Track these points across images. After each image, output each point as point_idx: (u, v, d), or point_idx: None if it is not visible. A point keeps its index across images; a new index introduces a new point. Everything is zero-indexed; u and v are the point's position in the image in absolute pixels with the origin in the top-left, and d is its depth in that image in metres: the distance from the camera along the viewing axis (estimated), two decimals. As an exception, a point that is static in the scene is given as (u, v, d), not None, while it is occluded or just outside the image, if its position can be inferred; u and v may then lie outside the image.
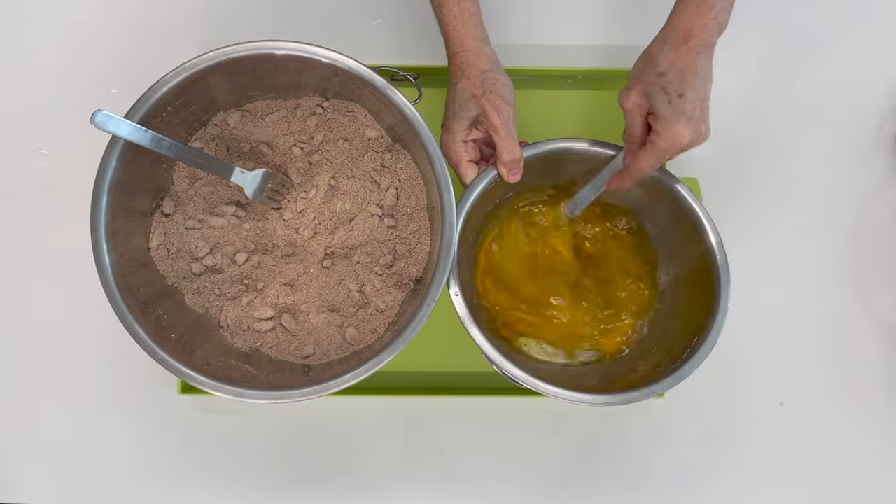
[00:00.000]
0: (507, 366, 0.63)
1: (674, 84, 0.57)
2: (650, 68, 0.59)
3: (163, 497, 0.76)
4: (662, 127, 0.59)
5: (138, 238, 0.65)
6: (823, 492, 0.77)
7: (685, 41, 0.57)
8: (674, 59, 0.57)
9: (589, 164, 0.68)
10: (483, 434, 0.77)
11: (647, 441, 0.77)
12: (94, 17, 0.79)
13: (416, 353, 0.76)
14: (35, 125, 0.78)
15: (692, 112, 0.58)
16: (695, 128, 0.58)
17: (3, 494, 0.75)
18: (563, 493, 0.76)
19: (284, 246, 0.69)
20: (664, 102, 0.58)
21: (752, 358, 0.78)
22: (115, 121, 0.58)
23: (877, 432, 0.77)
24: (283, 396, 0.60)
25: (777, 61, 0.81)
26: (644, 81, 0.59)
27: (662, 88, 0.58)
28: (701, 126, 0.59)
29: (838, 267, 0.79)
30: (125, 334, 0.60)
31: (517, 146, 0.64)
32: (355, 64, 0.61)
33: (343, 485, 0.76)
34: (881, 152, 0.80)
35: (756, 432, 0.77)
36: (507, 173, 0.65)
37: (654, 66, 0.58)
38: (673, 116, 0.58)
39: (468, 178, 0.66)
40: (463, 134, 0.65)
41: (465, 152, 0.66)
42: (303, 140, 0.69)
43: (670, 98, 0.58)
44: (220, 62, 0.61)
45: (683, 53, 0.57)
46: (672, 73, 0.57)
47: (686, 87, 0.57)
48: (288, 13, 0.79)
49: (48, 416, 0.76)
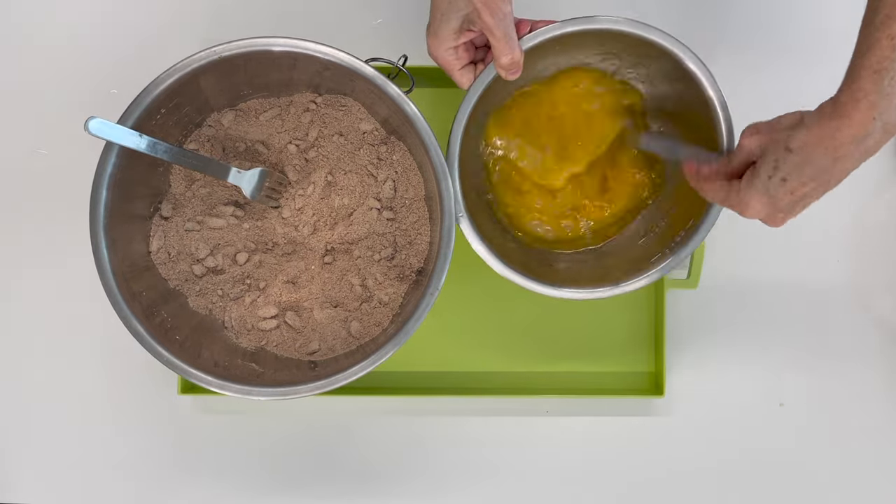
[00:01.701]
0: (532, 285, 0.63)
1: (788, 166, 0.52)
2: (786, 135, 0.52)
3: (163, 497, 0.76)
4: (745, 190, 0.55)
5: (138, 242, 0.65)
6: (824, 492, 0.77)
7: (834, 133, 0.50)
8: (811, 145, 0.51)
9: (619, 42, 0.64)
10: (483, 434, 0.77)
11: (647, 441, 0.77)
12: (93, 17, 0.79)
13: (417, 353, 0.76)
14: (35, 125, 0.78)
15: (780, 201, 0.53)
16: (770, 212, 0.54)
17: (3, 494, 0.76)
18: (563, 493, 0.76)
19: (285, 244, 0.69)
20: (765, 174, 0.53)
21: (752, 358, 0.78)
22: (110, 127, 0.58)
23: (877, 432, 0.77)
24: (290, 393, 0.60)
25: (777, 61, 0.80)
26: (771, 140, 0.53)
27: (776, 161, 0.52)
28: (779, 216, 0.55)
29: (838, 267, 0.78)
30: (125, 335, 0.60)
31: (517, 46, 0.59)
32: (347, 56, 0.61)
33: (342, 484, 0.76)
34: (881, 152, 0.79)
35: (756, 432, 0.77)
36: (507, 74, 0.61)
37: (791, 136, 0.52)
38: (759, 191, 0.54)
39: (465, 84, 0.62)
40: (452, 38, 0.59)
41: (457, 59, 0.61)
42: (297, 137, 0.69)
43: (773, 175, 0.53)
44: (211, 61, 0.61)
45: (822, 150, 0.50)
46: (797, 157, 0.51)
47: (796, 178, 0.52)
48: (288, 13, 0.79)
49: (48, 416, 0.76)
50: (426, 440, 0.77)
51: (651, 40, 0.63)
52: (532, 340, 0.77)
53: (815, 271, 0.78)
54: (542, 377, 0.77)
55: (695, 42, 0.63)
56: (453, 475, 0.76)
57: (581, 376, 0.77)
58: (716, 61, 0.66)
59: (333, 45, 0.62)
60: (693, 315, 0.77)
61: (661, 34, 0.63)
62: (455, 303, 0.76)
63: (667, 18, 0.70)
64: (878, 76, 0.48)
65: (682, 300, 0.77)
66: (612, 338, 0.77)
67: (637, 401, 0.77)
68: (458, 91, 0.76)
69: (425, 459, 0.77)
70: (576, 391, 0.76)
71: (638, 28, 0.63)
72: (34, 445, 0.76)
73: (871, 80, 0.48)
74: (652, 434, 0.77)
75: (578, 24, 0.63)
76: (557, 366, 0.77)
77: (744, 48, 0.79)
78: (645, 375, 0.77)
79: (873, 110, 0.48)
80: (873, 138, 0.50)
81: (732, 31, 0.79)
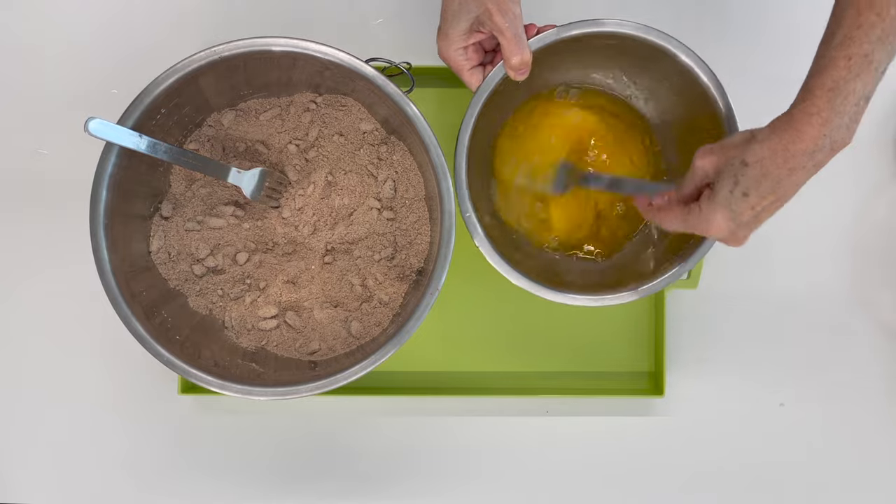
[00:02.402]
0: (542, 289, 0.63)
1: (748, 180, 0.52)
2: (740, 150, 0.53)
3: (163, 497, 0.76)
4: (707, 207, 0.55)
5: (138, 242, 0.65)
6: (824, 492, 0.77)
7: (787, 146, 0.51)
8: (766, 158, 0.52)
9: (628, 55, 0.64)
10: (483, 434, 0.77)
11: (647, 441, 0.77)
12: (94, 18, 0.79)
13: (417, 353, 0.76)
14: (35, 125, 0.78)
15: (742, 215, 0.54)
16: (733, 229, 0.54)
17: (2, 494, 0.76)
18: (563, 492, 0.76)
19: (285, 244, 0.69)
20: (725, 189, 0.53)
21: (753, 358, 0.78)
22: (110, 127, 0.58)
23: (877, 433, 0.77)
24: (290, 392, 0.60)
25: (777, 60, 0.80)
26: (726, 158, 0.54)
27: (734, 176, 0.53)
28: (741, 232, 0.55)
29: (838, 267, 0.78)
30: (124, 334, 0.60)
31: (526, 47, 0.60)
32: (347, 56, 0.61)
33: (342, 484, 0.76)
34: (881, 152, 0.79)
35: (756, 432, 0.77)
36: (516, 74, 0.61)
37: (745, 150, 0.53)
38: (722, 205, 0.54)
39: (474, 85, 0.62)
40: (462, 39, 0.60)
41: (466, 59, 0.61)
42: (297, 137, 0.69)
43: (734, 189, 0.53)
44: (211, 61, 0.61)
45: (777, 162, 0.51)
46: (754, 169, 0.52)
47: (755, 192, 0.52)
48: (289, 13, 0.79)
49: (48, 417, 0.76)
50: (426, 440, 0.77)
51: (659, 45, 0.63)
52: (532, 340, 0.77)
53: (815, 271, 0.78)
54: (542, 377, 0.77)
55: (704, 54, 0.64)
56: (453, 475, 0.76)
57: (581, 376, 0.77)
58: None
59: (333, 45, 0.62)
60: (693, 315, 0.77)
61: (667, 37, 0.63)
62: (455, 303, 0.76)
63: (677, 26, 0.69)
64: (832, 94, 0.50)
65: (682, 300, 0.77)
66: (612, 338, 0.77)
67: (637, 401, 0.77)
68: (458, 91, 0.77)
69: (425, 459, 0.77)
70: (576, 391, 0.76)
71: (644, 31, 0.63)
72: (34, 445, 0.76)
73: (825, 98, 0.50)
74: (652, 434, 0.77)
75: (583, 26, 0.63)
76: (557, 366, 0.77)
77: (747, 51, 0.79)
78: (645, 375, 0.77)
79: (825, 127, 0.50)
80: (822, 153, 0.51)
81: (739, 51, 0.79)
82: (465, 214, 0.63)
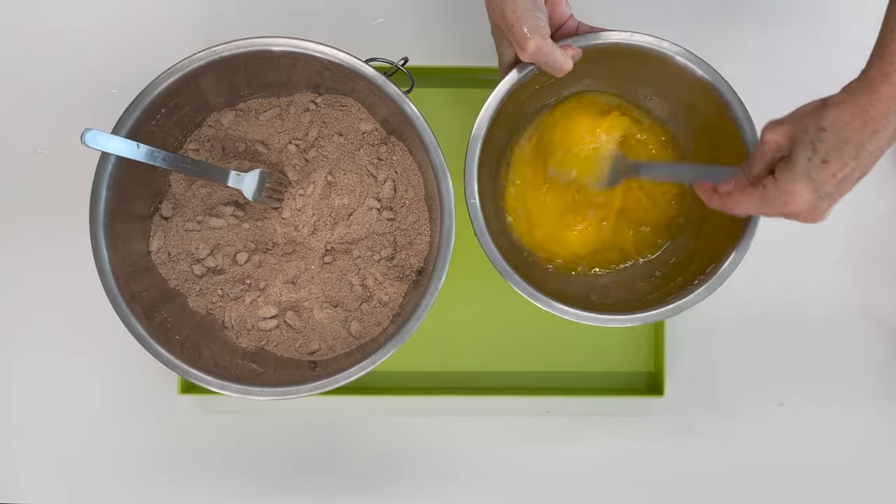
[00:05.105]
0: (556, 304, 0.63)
1: (827, 145, 0.49)
2: (815, 117, 0.50)
3: (163, 497, 0.76)
4: (784, 178, 0.51)
5: (138, 242, 0.65)
6: (824, 492, 0.77)
7: (866, 108, 0.48)
8: (844, 122, 0.49)
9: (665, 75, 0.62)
10: (483, 434, 0.77)
11: (647, 441, 0.77)
12: (94, 18, 0.79)
13: (417, 353, 0.76)
14: (35, 125, 0.78)
15: (824, 184, 0.50)
16: (815, 202, 0.51)
17: (2, 494, 0.76)
18: (562, 492, 0.76)
19: (285, 244, 0.69)
20: (804, 156, 0.50)
21: (752, 358, 0.78)
22: (106, 138, 0.58)
23: (877, 432, 0.77)
24: (290, 392, 0.60)
25: (776, 60, 0.80)
26: (799, 124, 0.51)
27: (812, 143, 0.50)
28: (822, 204, 0.51)
29: (838, 267, 0.78)
30: (124, 334, 0.60)
31: (568, 59, 0.57)
32: (347, 56, 0.61)
33: (342, 484, 0.76)
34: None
35: (756, 432, 0.77)
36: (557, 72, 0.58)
37: (820, 115, 0.50)
38: (802, 174, 0.50)
39: (570, 65, 0.58)
40: (548, 27, 0.56)
41: (556, 47, 0.57)
42: (297, 137, 0.69)
43: (813, 156, 0.50)
44: (211, 61, 0.61)
45: (856, 126, 0.48)
46: (832, 134, 0.49)
47: (836, 158, 0.49)
48: (288, 13, 0.79)
49: (48, 416, 0.76)
50: (426, 440, 0.77)
51: (667, 55, 0.63)
52: (532, 340, 0.77)
53: (814, 271, 0.78)
54: (542, 377, 0.77)
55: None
56: (453, 475, 0.76)
57: (581, 376, 0.77)
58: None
59: (333, 45, 0.62)
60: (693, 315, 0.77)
61: (678, 49, 0.62)
62: (455, 303, 0.76)
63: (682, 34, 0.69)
64: None
65: (682, 300, 0.77)
66: (611, 338, 0.77)
67: (637, 401, 0.77)
68: (458, 91, 0.77)
69: (425, 459, 0.77)
70: (576, 391, 0.76)
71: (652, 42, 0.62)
72: (34, 445, 0.76)
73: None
74: (652, 434, 0.77)
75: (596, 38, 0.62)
76: (557, 366, 0.77)
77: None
78: (645, 375, 0.77)
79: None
80: None
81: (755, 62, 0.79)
82: (470, 200, 0.62)
